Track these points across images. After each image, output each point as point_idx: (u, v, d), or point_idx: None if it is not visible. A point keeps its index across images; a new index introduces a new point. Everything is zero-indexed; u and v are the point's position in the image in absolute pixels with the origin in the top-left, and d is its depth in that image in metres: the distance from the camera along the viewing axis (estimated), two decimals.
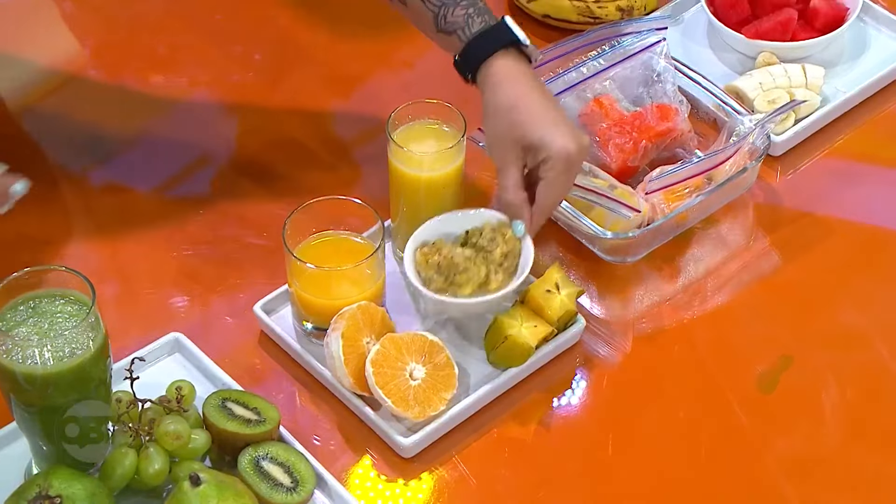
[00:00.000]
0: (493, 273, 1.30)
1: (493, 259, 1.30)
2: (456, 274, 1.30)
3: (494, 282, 1.30)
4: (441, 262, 1.30)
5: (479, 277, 1.30)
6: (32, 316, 1.13)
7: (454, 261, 1.30)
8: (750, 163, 1.42)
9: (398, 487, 1.25)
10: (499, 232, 1.31)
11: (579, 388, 1.32)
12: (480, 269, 1.30)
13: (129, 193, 1.46)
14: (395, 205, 1.37)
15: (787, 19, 1.53)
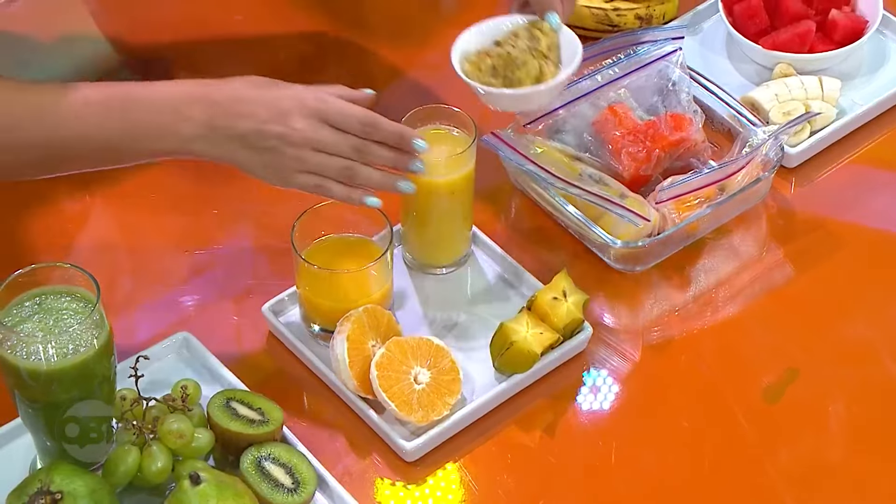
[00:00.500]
0: (546, 65, 1.32)
1: (540, 52, 1.32)
2: (515, 70, 1.31)
3: (549, 73, 1.32)
4: (496, 63, 1.31)
5: (535, 70, 1.31)
6: (38, 312, 1.14)
7: (511, 55, 1.31)
8: (763, 174, 1.41)
9: (400, 491, 1.25)
10: (534, 28, 1.33)
11: (584, 395, 1.32)
12: (534, 63, 1.31)
13: (144, 191, 1.47)
14: (406, 209, 1.37)
15: (806, 31, 1.52)
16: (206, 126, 1.23)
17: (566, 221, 1.42)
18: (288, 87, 1.25)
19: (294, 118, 1.23)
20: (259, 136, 1.23)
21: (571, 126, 1.46)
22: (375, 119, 1.25)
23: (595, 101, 1.46)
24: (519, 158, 1.41)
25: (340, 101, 1.25)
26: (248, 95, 1.23)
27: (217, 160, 1.25)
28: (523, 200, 1.46)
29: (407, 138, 1.26)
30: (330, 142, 1.24)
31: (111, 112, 1.22)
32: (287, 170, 1.24)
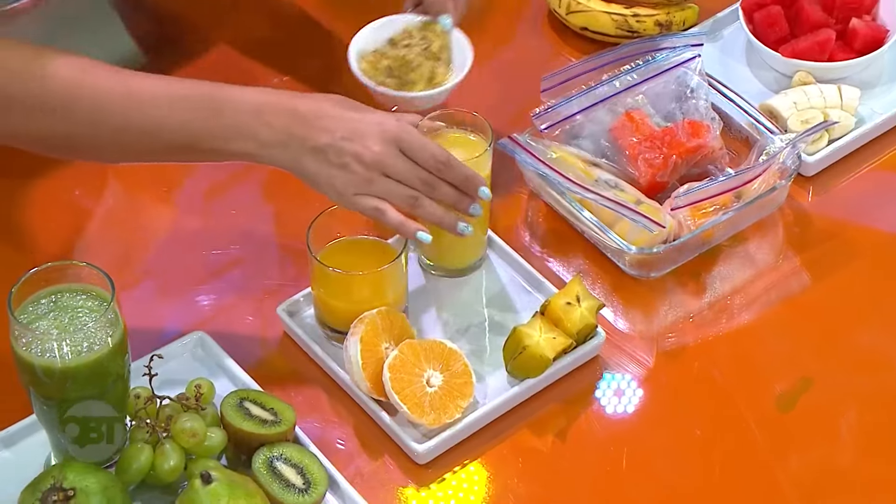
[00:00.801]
0: (438, 67, 1.41)
1: (433, 54, 1.39)
2: (409, 72, 1.38)
3: (440, 74, 1.40)
4: (392, 65, 1.38)
5: (428, 72, 1.38)
6: (54, 310, 1.16)
7: (406, 59, 1.38)
8: (780, 182, 1.41)
9: (411, 493, 1.26)
10: (426, 30, 1.40)
11: (597, 401, 1.32)
12: (427, 64, 1.38)
13: (163, 192, 1.48)
14: None
15: (826, 39, 1.52)
16: (284, 133, 1.25)
17: (582, 226, 1.42)
18: (372, 111, 1.28)
19: (372, 140, 1.25)
20: (334, 152, 1.25)
21: (589, 131, 1.46)
22: (450, 159, 1.27)
23: (613, 106, 1.46)
24: (536, 163, 1.41)
25: (419, 133, 1.27)
26: (332, 112, 1.26)
27: (287, 169, 1.27)
28: (539, 205, 1.47)
29: (474, 183, 1.29)
30: (402, 170, 1.26)
31: (198, 109, 1.25)
32: (353, 188, 1.26)
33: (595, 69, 1.48)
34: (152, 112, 1.24)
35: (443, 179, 1.28)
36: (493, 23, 1.65)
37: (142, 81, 1.26)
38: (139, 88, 1.25)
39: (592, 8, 1.59)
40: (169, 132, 1.25)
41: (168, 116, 1.25)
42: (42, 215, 1.46)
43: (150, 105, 1.24)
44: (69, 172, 1.49)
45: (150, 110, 1.24)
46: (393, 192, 1.26)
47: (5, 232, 1.44)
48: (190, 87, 1.27)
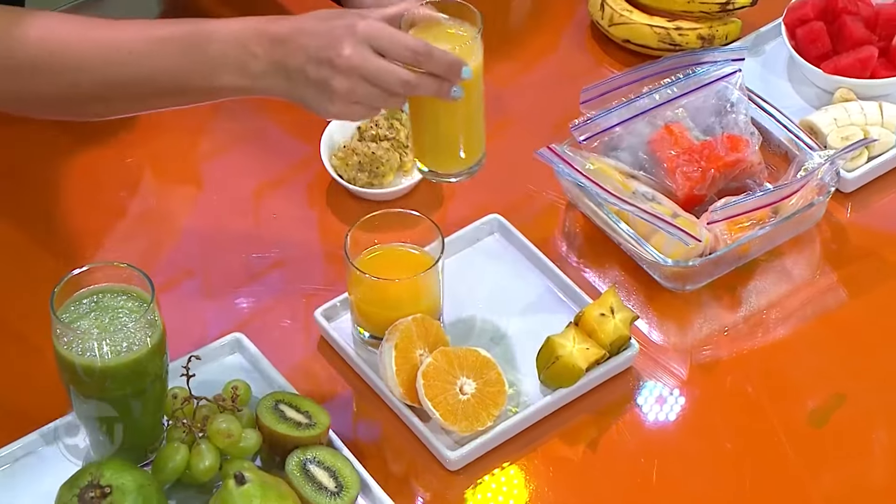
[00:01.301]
0: (405, 155, 1.47)
1: (400, 143, 1.45)
2: (379, 166, 1.44)
3: (407, 163, 1.47)
4: (363, 161, 1.44)
5: (396, 162, 1.46)
6: (95, 310, 1.18)
7: (376, 154, 1.44)
8: (817, 198, 1.41)
9: (441, 499, 1.27)
10: (392, 117, 1.45)
11: (629, 412, 1.33)
12: (395, 155, 1.46)
13: (206, 194, 1.50)
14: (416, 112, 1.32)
15: (868, 56, 1.52)
16: (270, 61, 1.24)
17: (618, 238, 1.43)
18: (349, 14, 1.25)
19: (344, 45, 1.23)
20: (313, 67, 1.23)
21: (627, 144, 1.47)
22: (428, 49, 1.24)
23: (652, 119, 1.47)
24: (574, 174, 1.42)
25: (390, 29, 1.24)
26: (309, 27, 1.25)
27: (281, 96, 1.27)
28: (577, 215, 1.48)
29: (457, 69, 1.25)
30: (376, 71, 1.23)
31: (180, 50, 1.25)
32: (339, 101, 1.25)
33: (635, 82, 1.49)
34: (134, 61, 1.24)
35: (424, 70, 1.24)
36: (535, 33, 1.66)
37: (118, 32, 1.25)
38: (116, 39, 1.24)
39: (635, 20, 1.60)
40: (154, 78, 1.25)
41: (151, 62, 1.24)
42: (83, 215, 1.49)
43: (131, 54, 1.24)
44: (112, 171, 1.52)
45: (131, 59, 1.24)
46: (376, 100, 1.25)
47: (46, 231, 1.47)
48: (169, 28, 1.26)
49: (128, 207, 1.49)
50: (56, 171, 1.52)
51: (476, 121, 1.32)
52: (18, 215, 1.48)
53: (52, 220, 1.48)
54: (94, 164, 1.52)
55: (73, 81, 1.25)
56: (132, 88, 1.26)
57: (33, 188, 1.51)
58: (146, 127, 1.56)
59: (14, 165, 1.52)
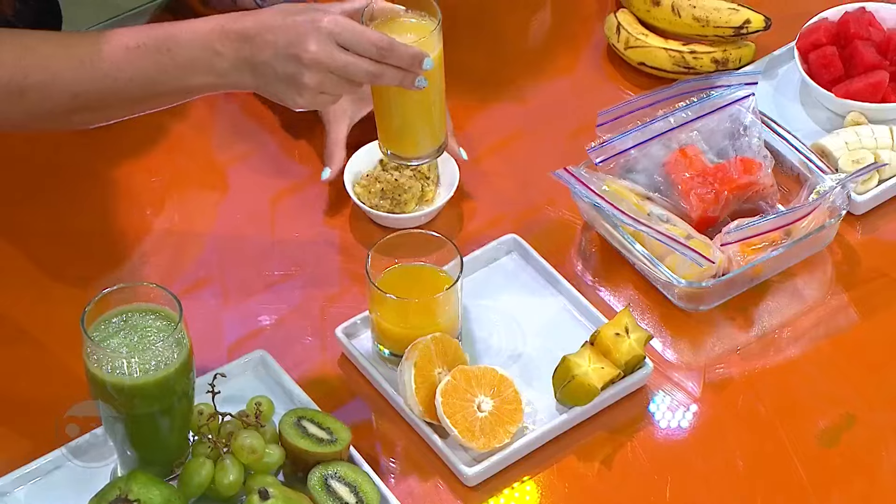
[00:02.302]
0: (426, 184, 1.50)
1: (422, 174, 1.49)
2: (402, 193, 1.47)
3: (429, 192, 1.51)
4: (386, 188, 1.48)
5: (418, 191, 1.50)
6: (124, 329, 1.21)
7: (399, 182, 1.48)
8: (829, 221, 1.44)
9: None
10: None
11: (643, 430, 1.36)
12: (416, 183, 1.50)
13: (230, 214, 1.53)
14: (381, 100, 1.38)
15: (879, 81, 1.55)
16: (236, 58, 1.30)
17: (633, 259, 1.46)
18: (313, 9, 1.30)
19: (309, 41, 1.28)
20: (280, 62, 1.29)
21: (643, 166, 1.50)
22: (391, 44, 1.29)
23: (667, 142, 1.50)
24: (590, 195, 1.45)
25: (353, 24, 1.29)
26: (274, 22, 1.29)
27: (254, 90, 1.32)
28: (593, 235, 1.51)
29: (419, 60, 1.31)
30: (342, 64, 1.29)
31: (150, 56, 1.30)
32: (308, 94, 1.30)
33: (650, 105, 1.52)
34: (107, 74, 1.29)
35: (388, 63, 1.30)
36: (553, 55, 1.69)
37: (90, 46, 1.30)
38: (89, 54, 1.29)
39: (650, 44, 1.63)
40: (128, 88, 1.30)
41: (124, 73, 1.29)
42: (111, 235, 1.52)
43: (103, 68, 1.29)
44: (138, 191, 1.55)
45: (103, 73, 1.29)
46: (342, 89, 1.30)
47: (72, 246, 1.50)
48: (138, 37, 1.30)
49: (153, 225, 1.52)
50: (84, 190, 1.55)
51: (437, 108, 1.40)
52: (47, 232, 1.51)
53: (79, 238, 1.51)
54: (121, 182, 1.56)
55: (49, 97, 1.30)
56: (108, 100, 1.31)
57: (61, 205, 1.54)
58: (169, 148, 1.59)
59: (42, 183, 1.56)
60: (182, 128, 1.60)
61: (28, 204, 1.54)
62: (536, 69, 1.67)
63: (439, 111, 1.40)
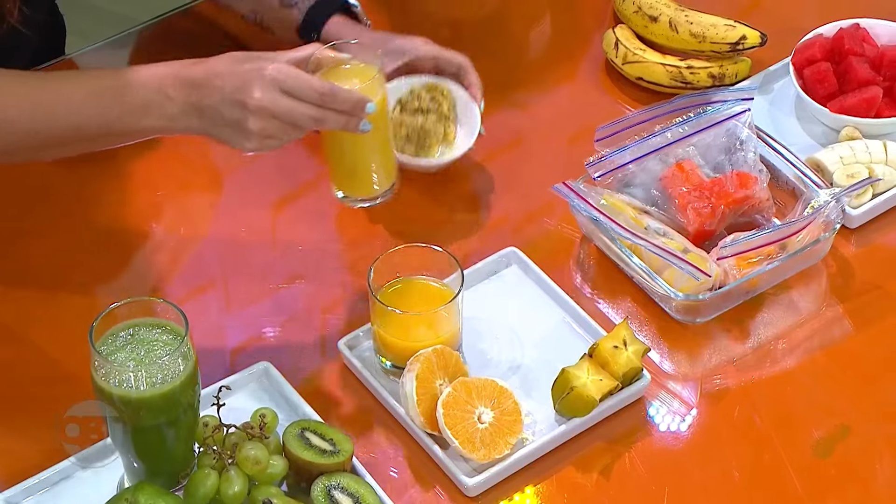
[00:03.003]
0: (449, 128, 1.53)
1: (443, 116, 1.52)
2: (427, 138, 1.50)
3: (451, 133, 1.54)
4: (411, 133, 1.50)
5: (441, 133, 1.53)
6: (130, 343, 1.23)
7: (425, 128, 1.50)
8: (823, 234, 1.46)
9: None
10: (435, 91, 1.51)
11: (640, 440, 1.38)
12: (440, 126, 1.53)
13: (234, 228, 1.55)
14: (329, 143, 1.44)
15: (873, 97, 1.57)
16: (186, 103, 1.35)
17: (631, 272, 1.48)
18: (259, 58, 1.35)
19: (254, 88, 1.33)
20: (227, 108, 1.34)
21: (640, 180, 1.52)
22: (332, 90, 1.35)
23: (664, 157, 1.52)
24: (588, 208, 1.47)
25: (297, 72, 1.34)
26: (222, 69, 1.35)
27: (203, 134, 1.37)
28: (591, 248, 1.53)
29: (361, 106, 1.36)
30: (287, 110, 1.34)
31: (105, 98, 1.36)
32: (255, 138, 1.35)
33: (648, 120, 1.54)
34: (63, 113, 1.35)
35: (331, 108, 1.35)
36: (552, 70, 1.71)
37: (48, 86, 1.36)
38: (46, 93, 1.35)
39: (648, 59, 1.65)
40: (82, 126, 1.36)
41: (78, 114, 1.35)
42: (117, 250, 1.54)
43: (59, 107, 1.35)
44: (141, 199, 1.57)
45: (60, 112, 1.36)
46: (287, 133, 1.35)
47: (75, 254, 1.52)
48: (94, 80, 1.37)
49: (155, 234, 1.55)
50: (88, 199, 1.58)
51: (383, 150, 1.45)
52: (52, 247, 1.54)
53: (82, 247, 1.53)
54: (124, 190, 1.58)
55: (9, 134, 1.36)
56: (66, 139, 1.38)
57: (64, 213, 1.56)
58: (172, 157, 1.61)
59: (47, 191, 1.58)
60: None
61: (32, 212, 1.56)
62: (536, 83, 1.69)
63: (386, 153, 1.46)
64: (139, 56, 1.72)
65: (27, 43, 1.57)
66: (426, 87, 1.55)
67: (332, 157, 1.45)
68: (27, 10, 1.42)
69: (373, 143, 1.42)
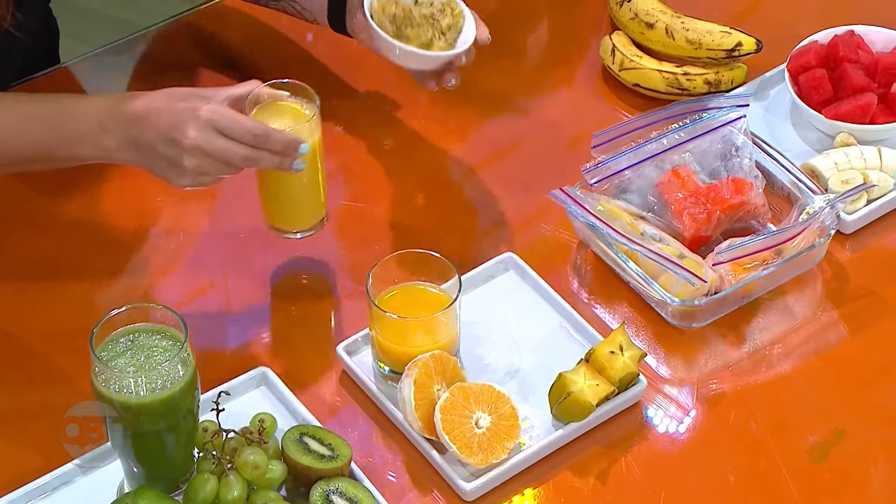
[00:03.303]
0: (437, 38, 1.48)
1: (438, 26, 1.48)
2: (407, 28, 1.47)
3: (436, 46, 1.47)
4: (397, 14, 1.47)
5: (425, 38, 1.47)
6: (130, 349, 1.24)
7: (410, 14, 1.47)
8: (818, 240, 1.47)
9: None
10: (448, 5, 1.49)
11: (637, 445, 1.39)
12: (427, 30, 1.47)
13: (233, 234, 1.56)
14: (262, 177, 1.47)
15: (868, 103, 1.58)
16: (124, 138, 1.39)
17: (627, 277, 1.49)
18: (196, 97, 1.38)
19: (189, 127, 1.36)
20: (162, 145, 1.38)
21: (637, 186, 1.53)
22: (266, 131, 1.37)
23: (660, 163, 1.53)
24: (585, 214, 1.48)
25: (232, 113, 1.37)
26: (161, 105, 1.38)
27: (140, 166, 1.41)
28: (588, 254, 1.54)
29: (294, 147, 1.39)
30: (220, 149, 1.37)
31: (48, 126, 1.40)
32: (190, 175, 1.39)
33: (644, 127, 1.55)
34: (4, 137, 1.40)
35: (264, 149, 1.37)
36: (549, 77, 1.72)
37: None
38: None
39: (644, 66, 1.66)
40: (21, 151, 1.41)
41: (18, 139, 1.40)
42: (117, 255, 1.55)
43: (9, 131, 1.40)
44: (140, 202, 1.58)
45: (8, 136, 1.40)
46: (222, 171, 1.38)
47: (77, 269, 1.53)
48: (36, 106, 1.41)
49: (160, 244, 1.56)
50: (87, 202, 1.58)
51: (314, 188, 1.48)
52: (50, 251, 1.55)
53: (80, 251, 1.54)
54: (123, 193, 1.59)
55: None
56: (2, 160, 1.42)
57: (63, 218, 1.57)
58: None
59: (43, 194, 1.59)
60: None
61: (30, 217, 1.57)
62: (533, 89, 1.70)
63: (317, 190, 1.48)
64: (139, 63, 1.73)
65: (20, 47, 1.59)
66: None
67: (264, 192, 1.49)
68: (20, 16, 1.43)
69: (304, 182, 1.47)
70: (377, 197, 1.59)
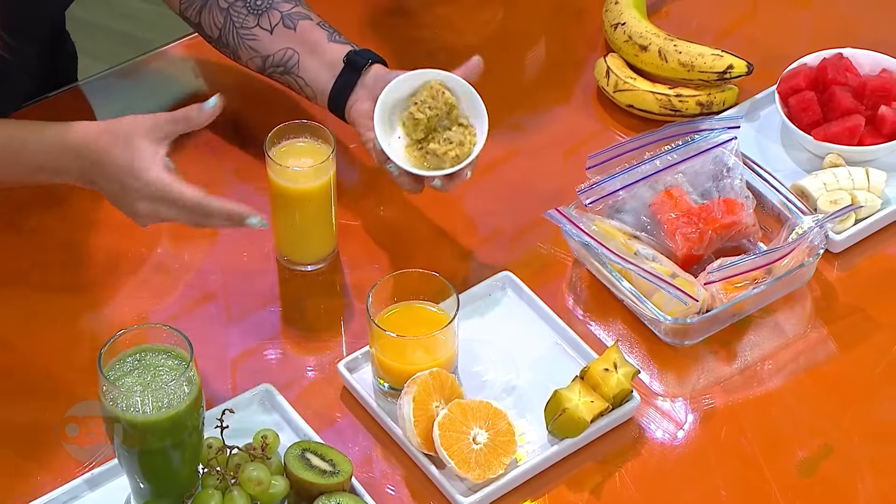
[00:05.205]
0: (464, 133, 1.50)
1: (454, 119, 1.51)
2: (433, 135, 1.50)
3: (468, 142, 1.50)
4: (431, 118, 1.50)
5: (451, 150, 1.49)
6: (137, 368, 1.27)
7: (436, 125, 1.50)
8: (808, 259, 1.51)
9: None
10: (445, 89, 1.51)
11: (630, 460, 1.42)
12: (453, 151, 1.50)
13: (236, 252, 1.59)
14: (276, 210, 1.53)
15: (855, 125, 1.62)
16: (81, 178, 1.45)
17: (621, 295, 1.52)
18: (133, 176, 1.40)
19: (137, 203, 1.42)
20: (118, 200, 1.43)
21: (630, 206, 1.56)
22: (206, 209, 1.41)
23: (653, 184, 1.57)
24: (579, 234, 1.51)
25: (172, 187, 1.40)
26: (111, 160, 1.42)
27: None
28: (583, 272, 1.57)
29: (237, 219, 1.42)
30: (174, 216, 1.42)
31: (6, 153, 1.44)
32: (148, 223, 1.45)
33: (638, 148, 1.58)
34: None
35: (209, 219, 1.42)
36: (544, 98, 1.75)
37: None
38: None
39: (638, 87, 1.70)
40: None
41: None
42: (127, 277, 1.58)
43: None
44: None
45: None
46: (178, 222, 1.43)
47: (78, 289, 1.55)
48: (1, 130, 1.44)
49: (163, 261, 1.58)
50: (86, 214, 1.61)
51: (326, 223, 1.54)
52: (54, 268, 1.57)
53: (80, 265, 1.57)
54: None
55: None
56: None
57: (63, 226, 1.60)
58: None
59: (43, 204, 1.61)
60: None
61: (33, 233, 1.60)
62: (529, 110, 1.73)
63: (329, 224, 1.54)
64: (149, 81, 1.76)
65: (19, 71, 1.61)
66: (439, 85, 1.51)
67: (276, 225, 1.54)
68: (13, 42, 1.46)
69: (317, 217, 1.53)
70: (377, 216, 1.63)
